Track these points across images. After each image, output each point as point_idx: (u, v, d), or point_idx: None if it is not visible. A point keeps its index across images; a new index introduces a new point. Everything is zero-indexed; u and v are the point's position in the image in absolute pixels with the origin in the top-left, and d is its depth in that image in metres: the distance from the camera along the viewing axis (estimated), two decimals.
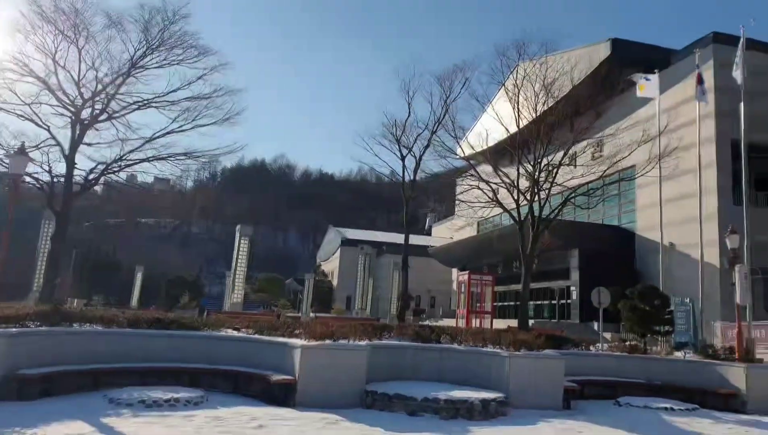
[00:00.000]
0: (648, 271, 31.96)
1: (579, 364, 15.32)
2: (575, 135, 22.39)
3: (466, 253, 48.87)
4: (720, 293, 27.06)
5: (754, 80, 24.46)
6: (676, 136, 25.80)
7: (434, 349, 13.94)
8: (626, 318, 18.68)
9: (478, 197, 23.31)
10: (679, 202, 29.89)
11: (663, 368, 15.48)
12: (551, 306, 38.50)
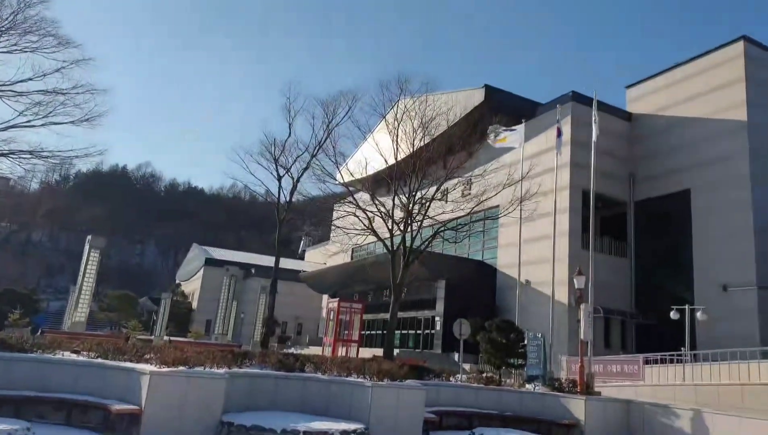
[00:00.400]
0: (506, 305, 33.92)
1: (438, 395, 15.65)
2: (448, 172, 23.39)
3: (338, 280, 48.82)
4: (567, 329, 29.37)
5: (600, 138, 27.18)
6: (537, 181, 27.88)
7: (297, 378, 13.54)
8: (484, 350, 19.47)
9: (354, 224, 23.40)
10: (536, 243, 32.21)
11: (516, 400, 16.27)
12: (416, 335, 39.43)
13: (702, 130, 31.44)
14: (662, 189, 33.20)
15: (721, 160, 30.14)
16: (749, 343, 24.01)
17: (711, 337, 26.77)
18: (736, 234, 28.68)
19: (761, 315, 27.08)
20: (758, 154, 29.19)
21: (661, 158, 33.62)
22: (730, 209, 29.24)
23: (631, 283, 33.76)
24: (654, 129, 34.40)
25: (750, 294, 27.53)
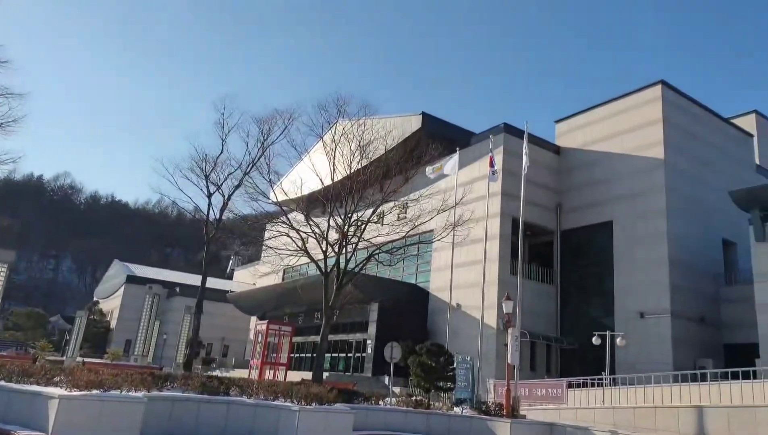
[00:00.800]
0: (438, 328, 34.22)
1: (368, 418, 15.55)
2: (384, 196, 23.53)
3: (268, 301, 47.79)
4: (495, 353, 29.94)
5: (529, 169, 28.31)
6: (470, 208, 28.54)
7: (222, 401, 13.10)
8: (414, 373, 19.53)
9: (286, 244, 23.04)
10: (468, 268, 32.83)
11: (444, 423, 16.35)
12: (347, 359, 39.04)
13: (624, 165, 33.28)
14: (587, 219, 34.75)
15: (641, 195, 31.95)
16: (663, 368, 25.31)
17: (629, 361, 28.00)
18: (653, 264, 30.33)
19: (674, 341, 28.62)
20: (673, 190, 31.16)
21: (586, 190, 35.25)
22: (648, 241, 30.93)
23: (557, 309, 34.92)
24: (580, 162, 36.10)
25: (664, 321, 29.08)
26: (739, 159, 36.44)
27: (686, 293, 29.95)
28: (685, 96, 34.27)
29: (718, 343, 30.14)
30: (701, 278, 30.91)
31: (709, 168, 33.76)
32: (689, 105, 34.34)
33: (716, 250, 32.73)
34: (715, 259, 32.37)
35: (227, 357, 60.08)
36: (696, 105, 34.72)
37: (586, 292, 33.93)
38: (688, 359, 28.28)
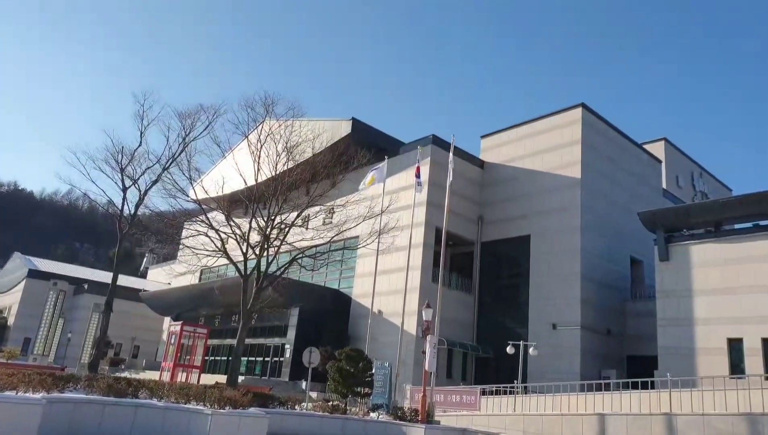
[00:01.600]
0: (358, 334, 34.23)
1: (283, 423, 15.30)
2: (310, 199, 23.31)
3: (183, 302, 46.08)
4: (414, 359, 30.32)
5: (454, 181, 28.96)
6: (395, 216, 28.85)
7: (129, 404, 12.47)
8: (332, 378, 19.43)
9: (205, 244, 22.33)
10: (391, 275, 33.12)
11: (359, 428, 16.33)
12: (264, 363, 38.27)
13: (543, 182, 34.75)
14: (506, 233, 35.98)
15: (557, 211, 33.46)
16: (571, 377, 26.53)
17: (541, 371, 29.15)
18: (566, 278, 31.80)
19: (582, 352, 30.09)
20: (588, 208, 32.85)
21: (507, 204, 36.50)
22: (562, 256, 32.41)
23: (474, 318, 35.86)
24: (503, 177, 37.36)
25: (574, 333, 30.53)
26: (648, 182, 38.94)
27: (595, 307, 31.61)
28: (603, 119, 36.28)
29: (622, 355, 31.97)
30: (609, 293, 32.73)
31: (620, 189, 35.86)
32: (606, 129, 36.39)
33: (624, 267, 34.77)
34: (623, 275, 34.38)
35: (138, 358, 57.37)
36: (612, 129, 36.84)
37: (503, 302, 35.06)
38: (594, 369, 29.80)
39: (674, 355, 25.36)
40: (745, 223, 25.81)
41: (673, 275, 26.67)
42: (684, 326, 25.64)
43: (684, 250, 26.65)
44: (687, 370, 23.43)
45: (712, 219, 26.58)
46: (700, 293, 25.61)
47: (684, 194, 45.44)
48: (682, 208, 30.67)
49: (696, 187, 49.06)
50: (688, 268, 26.23)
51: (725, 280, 24.97)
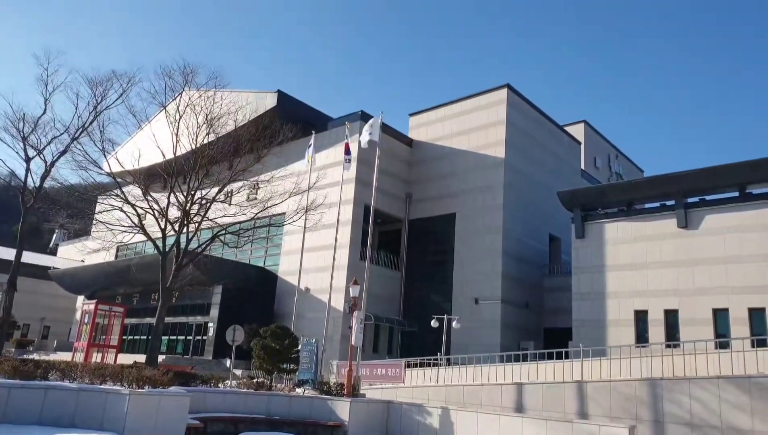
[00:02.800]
0: (285, 311, 33.97)
1: (207, 401, 15.06)
2: (233, 174, 22.61)
3: (98, 280, 43.97)
4: (341, 335, 30.51)
5: (383, 159, 29.07)
6: (323, 193, 28.65)
7: (38, 387, 11.82)
8: (257, 356, 19.19)
9: (120, 220, 21.29)
10: (318, 252, 32.95)
11: (285, 404, 16.30)
12: (186, 342, 37.33)
13: (468, 161, 35.51)
14: (433, 211, 36.60)
15: (482, 190, 34.35)
16: (492, 349, 27.55)
17: (463, 343, 30.08)
18: (489, 255, 32.83)
19: (503, 325, 31.31)
20: (511, 187, 33.92)
21: (434, 183, 37.08)
22: (485, 233, 33.40)
23: (401, 294, 36.44)
24: (430, 156, 37.85)
25: (495, 307, 31.67)
26: (567, 163, 40.63)
27: (515, 282, 32.88)
28: (527, 101, 37.37)
29: (540, 327, 33.54)
30: (529, 269, 34.11)
31: (542, 169, 37.23)
32: (529, 110, 37.52)
33: (543, 244, 36.29)
34: (542, 251, 35.89)
35: (48, 339, 54.39)
36: (535, 110, 38.04)
37: (429, 278, 35.79)
38: (514, 341, 31.10)
39: (587, 326, 26.88)
40: (654, 202, 27.52)
41: (587, 252, 28.12)
42: (596, 300, 27.18)
43: (598, 227, 28.13)
44: (598, 340, 24.90)
45: (625, 198, 28.15)
46: (612, 269, 27.17)
47: (601, 175, 47.82)
48: (597, 188, 32.29)
49: (612, 168, 51.72)
50: (602, 245, 27.73)
51: (634, 256, 26.60)
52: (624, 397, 15.96)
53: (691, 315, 24.37)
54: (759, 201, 24.03)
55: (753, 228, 23.65)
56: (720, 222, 24.58)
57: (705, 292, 24.26)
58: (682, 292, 24.90)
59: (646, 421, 15.32)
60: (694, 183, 25.66)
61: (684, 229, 25.42)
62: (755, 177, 24.38)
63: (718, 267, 24.15)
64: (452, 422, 15.07)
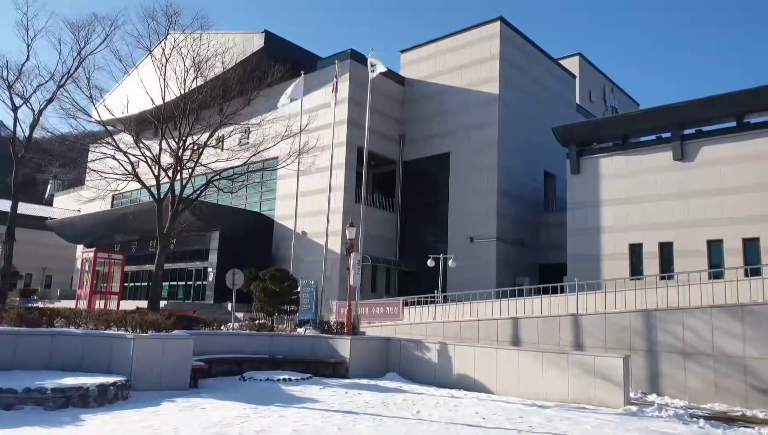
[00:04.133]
0: (282, 255, 34.29)
1: (210, 343, 15.33)
2: (223, 118, 22.22)
3: (95, 229, 44.02)
4: (339, 276, 30.91)
5: (375, 99, 28.40)
6: (315, 135, 28.30)
7: (44, 333, 12.01)
8: (258, 298, 19.50)
9: (113, 168, 21.02)
10: (313, 196, 32.92)
11: (287, 343, 16.63)
12: (187, 287, 37.83)
13: (462, 99, 34.97)
14: (427, 151, 36.35)
15: (476, 128, 34.00)
16: (488, 286, 27.95)
17: (460, 281, 30.53)
18: (484, 194, 32.87)
19: (498, 262, 31.72)
20: (505, 124, 33.58)
21: (427, 122, 36.64)
22: (480, 172, 33.30)
23: (397, 235, 36.71)
24: (423, 94, 37.23)
25: (491, 245, 31.98)
26: (562, 97, 40.09)
27: (511, 220, 33.07)
28: (521, 34, 36.46)
29: (535, 263, 33.99)
30: (524, 206, 34.25)
31: (536, 104, 36.75)
32: (523, 43, 36.67)
33: (538, 181, 36.31)
34: (536, 188, 35.95)
35: (51, 288, 55.03)
36: (529, 43, 37.18)
37: (425, 219, 35.96)
38: (509, 278, 31.59)
39: (582, 261, 27.22)
40: (650, 136, 27.33)
41: (583, 187, 28.14)
42: (591, 235, 27.42)
43: (594, 163, 28.05)
44: (593, 274, 25.27)
45: (620, 132, 27.94)
46: (607, 203, 27.28)
47: (596, 109, 47.29)
48: (593, 122, 31.97)
49: (607, 102, 51.12)
50: (597, 180, 27.73)
51: (630, 190, 26.66)
52: (618, 328, 16.35)
53: (686, 247, 24.67)
54: (757, 130, 23.89)
55: (750, 158, 23.61)
56: (716, 153, 24.51)
57: (700, 224, 24.48)
58: (677, 224, 25.11)
59: (640, 350, 15.75)
60: (691, 114, 25.42)
61: (680, 162, 25.38)
62: (753, 106, 24.14)
63: (714, 198, 24.26)
64: (450, 356, 15.46)
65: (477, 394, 13.82)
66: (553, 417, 10.79)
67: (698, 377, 14.69)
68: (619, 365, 12.81)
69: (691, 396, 14.56)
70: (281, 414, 9.74)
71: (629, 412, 11.84)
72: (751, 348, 14.03)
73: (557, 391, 13.38)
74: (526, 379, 13.91)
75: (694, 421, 11.18)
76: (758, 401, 13.67)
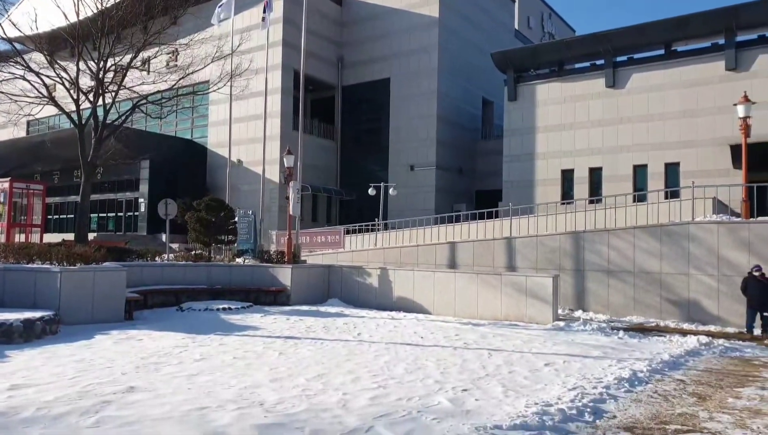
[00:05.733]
0: (218, 184, 33.36)
1: (145, 275, 14.96)
2: (147, 38, 20.73)
3: (10, 158, 41.04)
4: (278, 206, 30.50)
5: (312, 20, 27.36)
6: (248, 57, 26.93)
7: None
8: (193, 229, 19.00)
9: (25, 91, 19.40)
10: (248, 122, 31.83)
11: (225, 273, 16.45)
12: (117, 218, 36.43)
13: (402, 21, 33.97)
14: (367, 76, 35.48)
15: (416, 53, 33.31)
16: (427, 213, 28.43)
17: (400, 209, 30.86)
18: (423, 121, 32.70)
19: (437, 190, 32.11)
20: (445, 49, 33.04)
21: (366, 45, 35.56)
22: (420, 98, 32.96)
23: (337, 163, 36.29)
24: (362, 16, 35.89)
25: (430, 173, 32.22)
26: (501, 22, 39.63)
27: (449, 147, 33.24)
28: None
29: (472, 190, 34.63)
30: (462, 133, 34.41)
31: (476, 29, 36.21)
32: None
33: (477, 108, 36.37)
34: (475, 115, 36.06)
35: None
36: None
37: (365, 147, 35.60)
38: (447, 204, 32.14)
39: (516, 187, 27.93)
40: (585, 63, 27.66)
41: (519, 114, 28.44)
42: (526, 161, 28.01)
43: (530, 89, 28.26)
44: (527, 200, 26.04)
45: (556, 59, 28.10)
46: (542, 130, 27.77)
47: (534, 35, 47.16)
48: (530, 48, 31.93)
49: (545, 28, 51.00)
50: (533, 107, 28.06)
51: (563, 116, 27.17)
52: (549, 250, 17.06)
53: (614, 172, 25.67)
54: (683, 58, 24.57)
55: (675, 85, 24.39)
56: (645, 80, 25.15)
57: (627, 150, 25.41)
58: (607, 150, 25.96)
59: (568, 270, 16.56)
60: (623, 41, 25.78)
61: (611, 89, 25.94)
62: (681, 34, 24.70)
63: (641, 125, 25.11)
64: (390, 280, 15.76)
65: (416, 315, 14.26)
66: (486, 334, 11.28)
67: (620, 293, 15.67)
68: (549, 284, 13.45)
69: (613, 310, 15.57)
70: (221, 342, 9.70)
71: (557, 328, 12.55)
72: (667, 265, 15.00)
73: (491, 309, 13.97)
74: (463, 300, 14.42)
75: (614, 332, 11.99)
76: (671, 313, 14.79)
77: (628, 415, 5.90)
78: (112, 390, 6.24)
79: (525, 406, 5.96)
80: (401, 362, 8.28)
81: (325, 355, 8.71)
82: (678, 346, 10.47)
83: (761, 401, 6.67)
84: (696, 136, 23.74)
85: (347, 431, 5.04)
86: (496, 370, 7.87)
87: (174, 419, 5.25)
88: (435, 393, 6.52)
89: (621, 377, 7.53)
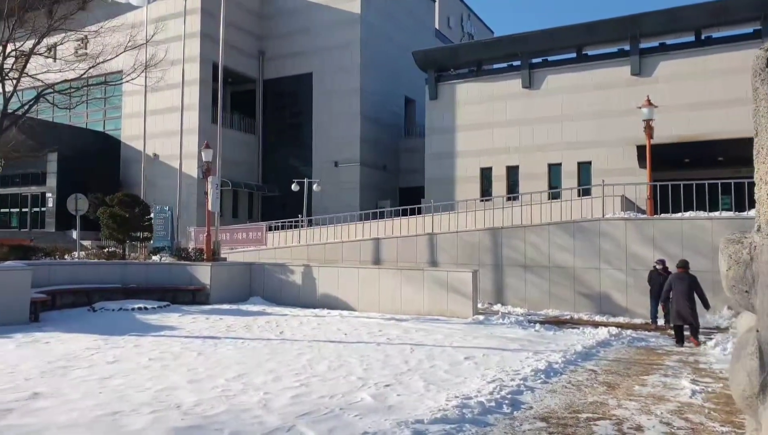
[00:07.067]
0: (132, 180, 31.89)
1: (53, 274, 14.14)
2: (52, 22, 19.48)
3: None
4: (196, 201, 29.54)
5: (231, 11, 26.54)
6: (164, 48, 25.91)
7: None
8: (106, 225, 18.11)
9: None
10: (164, 115, 30.60)
11: (141, 272, 15.78)
12: (22, 214, 34.03)
13: (324, 16, 33.74)
14: (289, 70, 34.99)
15: (339, 48, 33.22)
16: (352, 210, 28.46)
17: (324, 205, 30.70)
18: (347, 117, 32.69)
19: (361, 186, 32.22)
20: (367, 45, 33.15)
21: (288, 39, 35.06)
22: (343, 95, 32.91)
23: (259, 158, 35.59)
24: (283, 9, 35.33)
25: (354, 169, 32.27)
26: (422, 22, 40.22)
27: (373, 144, 33.43)
28: None
29: (396, 187, 35.00)
30: (386, 131, 34.69)
31: (398, 28, 36.56)
32: None
33: (399, 106, 36.77)
34: (397, 113, 36.44)
35: None
36: None
37: (288, 142, 35.13)
38: (372, 201, 32.31)
39: (437, 184, 28.51)
40: (502, 63, 28.61)
41: (440, 113, 29.03)
42: (446, 159, 28.65)
43: (450, 88, 28.90)
44: (448, 196, 26.64)
45: (475, 59, 28.89)
46: (462, 129, 28.48)
47: (454, 35, 48.22)
48: (450, 48, 32.65)
49: (464, 29, 52.26)
50: (453, 106, 28.71)
51: (482, 116, 27.98)
52: (469, 246, 17.57)
53: (530, 170, 26.74)
54: (593, 61, 25.96)
55: (587, 87, 25.72)
56: (559, 82, 26.36)
57: (543, 149, 26.54)
58: (523, 149, 27.00)
59: (488, 265, 17.12)
60: (538, 44, 26.88)
61: (528, 90, 26.99)
62: (591, 39, 26.07)
63: (555, 125, 26.30)
64: (314, 278, 15.69)
65: (340, 311, 14.28)
66: (409, 329, 11.49)
67: (536, 287, 16.40)
68: (469, 279, 13.86)
69: (530, 304, 16.27)
70: (136, 343, 9.31)
71: (477, 321, 12.96)
72: (580, 260, 15.85)
73: (414, 305, 14.23)
74: (386, 296, 14.59)
75: (531, 325, 12.55)
76: (584, 305, 15.65)
77: (543, 406, 6.19)
78: (14, 397, 5.86)
79: (446, 400, 6.12)
80: (324, 360, 8.28)
81: (246, 355, 8.56)
82: (590, 338, 11.09)
83: (664, 388, 7.18)
84: (606, 137, 25.13)
85: (268, 431, 4.99)
86: (418, 365, 8.04)
87: (83, 426, 5.00)
88: (358, 389, 6.57)
89: (537, 369, 7.87)
